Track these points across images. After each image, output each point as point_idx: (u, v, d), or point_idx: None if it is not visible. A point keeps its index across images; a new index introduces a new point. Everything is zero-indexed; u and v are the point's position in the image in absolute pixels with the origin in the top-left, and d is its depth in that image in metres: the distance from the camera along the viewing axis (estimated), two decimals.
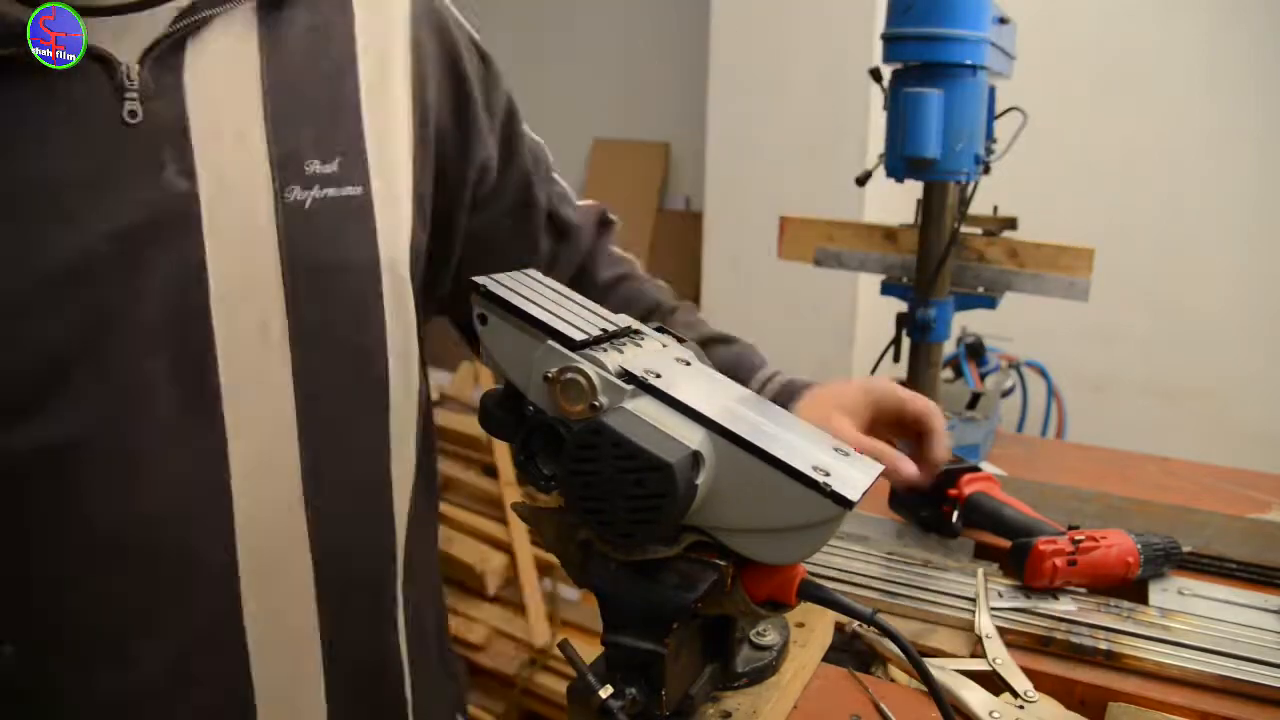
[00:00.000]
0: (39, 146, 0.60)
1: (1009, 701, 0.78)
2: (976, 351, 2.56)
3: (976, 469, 1.14)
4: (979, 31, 1.29)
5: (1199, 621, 0.92)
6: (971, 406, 1.60)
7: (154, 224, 0.62)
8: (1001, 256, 1.56)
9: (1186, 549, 1.04)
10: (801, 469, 0.58)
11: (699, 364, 0.69)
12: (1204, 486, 1.35)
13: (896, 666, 0.85)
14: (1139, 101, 2.66)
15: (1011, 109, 1.49)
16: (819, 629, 0.82)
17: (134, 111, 0.61)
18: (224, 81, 0.65)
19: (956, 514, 1.10)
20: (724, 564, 0.62)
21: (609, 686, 0.61)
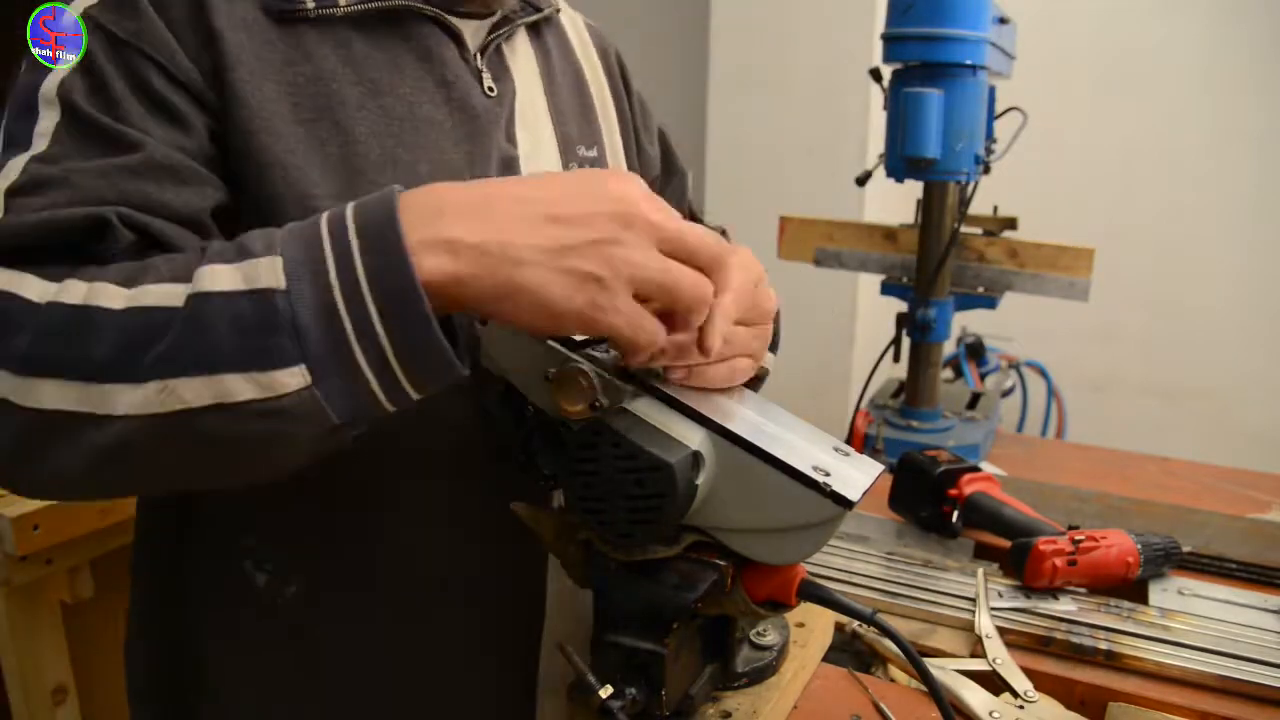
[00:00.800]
0: (419, 92, 0.71)
1: (1009, 701, 0.78)
2: (976, 351, 2.56)
3: (976, 469, 1.15)
4: (979, 31, 1.29)
5: (1199, 621, 0.92)
6: (971, 406, 1.60)
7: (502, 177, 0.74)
8: (1001, 256, 1.56)
9: (1186, 549, 1.04)
10: (801, 469, 0.58)
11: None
12: (1204, 486, 1.35)
13: (896, 666, 0.85)
14: (1139, 101, 2.66)
15: (1011, 109, 1.49)
16: (819, 629, 0.82)
17: (491, 87, 0.76)
18: (527, 78, 0.82)
19: (956, 514, 1.10)
20: (724, 564, 0.62)
21: (609, 686, 0.61)
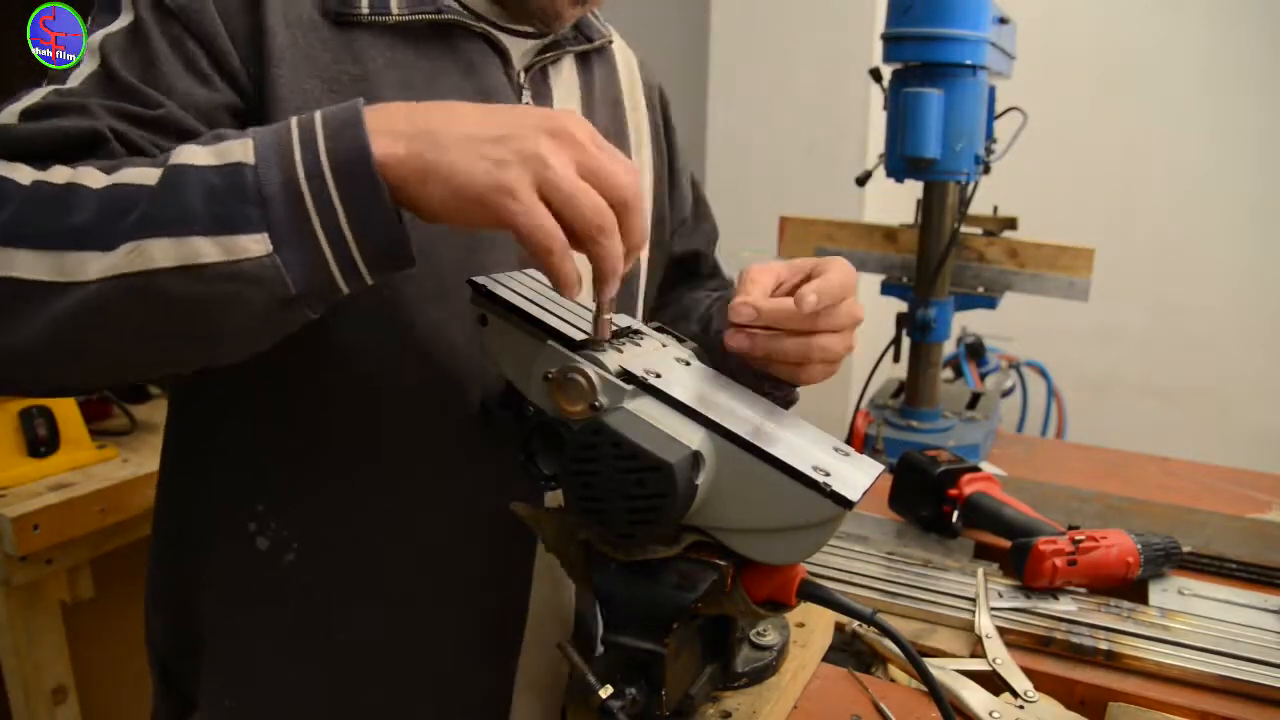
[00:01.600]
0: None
1: (1009, 701, 0.78)
2: (976, 351, 2.56)
3: (976, 469, 1.15)
4: (979, 31, 1.29)
5: (1199, 621, 0.92)
6: (971, 406, 1.60)
7: None
8: (1001, 256, 1.56)
9: (1186, 549, 1.04)
10: (801, 469, 0.58)
11: (699, 364, 0.69)
12: (1204, 486, 1.35)
13: (896, 666, 0.85)
14: (1139, 101, 2.66)
15: (1011, 109, 1.49)
16: (819, 629, 0.82)
17: (529, 102, 0.79)
18: (564, 102, 0.84)
19: (956, 514, 1.10)
20: (724, 564, 0.62)
21: (609, 686, 0.61)
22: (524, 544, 0.79)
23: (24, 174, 0.55)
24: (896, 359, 1.55)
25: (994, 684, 0.81)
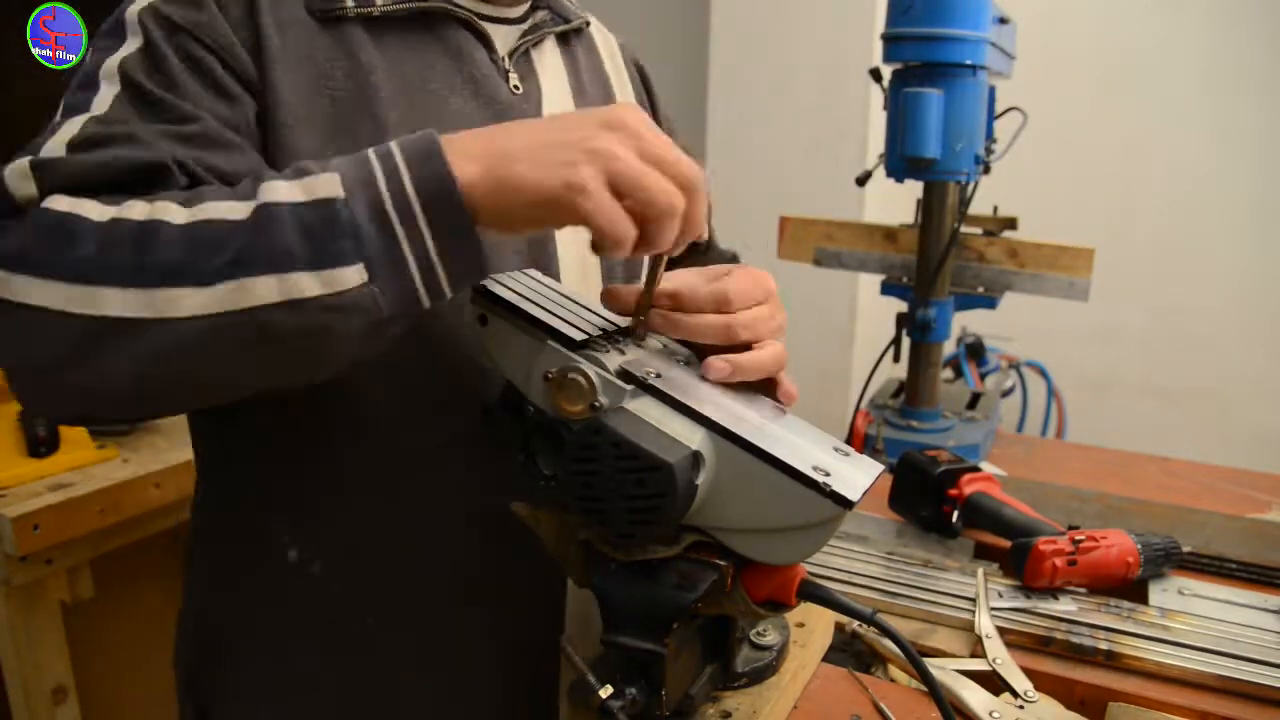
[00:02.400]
0: (446, 91, 0.75)
1: (1009, 701, 0.78)
2: (976, 351, 2.56)
3: (976, 469, 1.15)
4: (979, 31, 1.29)
5: (1199, 621, 0.92)
6: (971, 406, 1.60)
7: None
8: (1001, 256, 1.56)
9: (1186, 549, 1.04)
10: (802, 469, 0.58)
11: (699, 363, 0.69)
12: (1204, 486, 1.35)
13: (896, 666, 0.85)
14: (1139, 101, 2.66)
15: (1011, 109, 1.49)
16: (819, 629, 0.82)
17: (517, 86, 0.79)
18: (554, 82, 0.84)
19: (956, 514, 1.10)
20: (724, 564, 0.62)
21: (609, 686, 0.61)
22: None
23: (93, 209, 0.55)
24: (896, 359, 1.55)
25: (994, 684, 0.81)
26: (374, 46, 0.73)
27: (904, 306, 1.54)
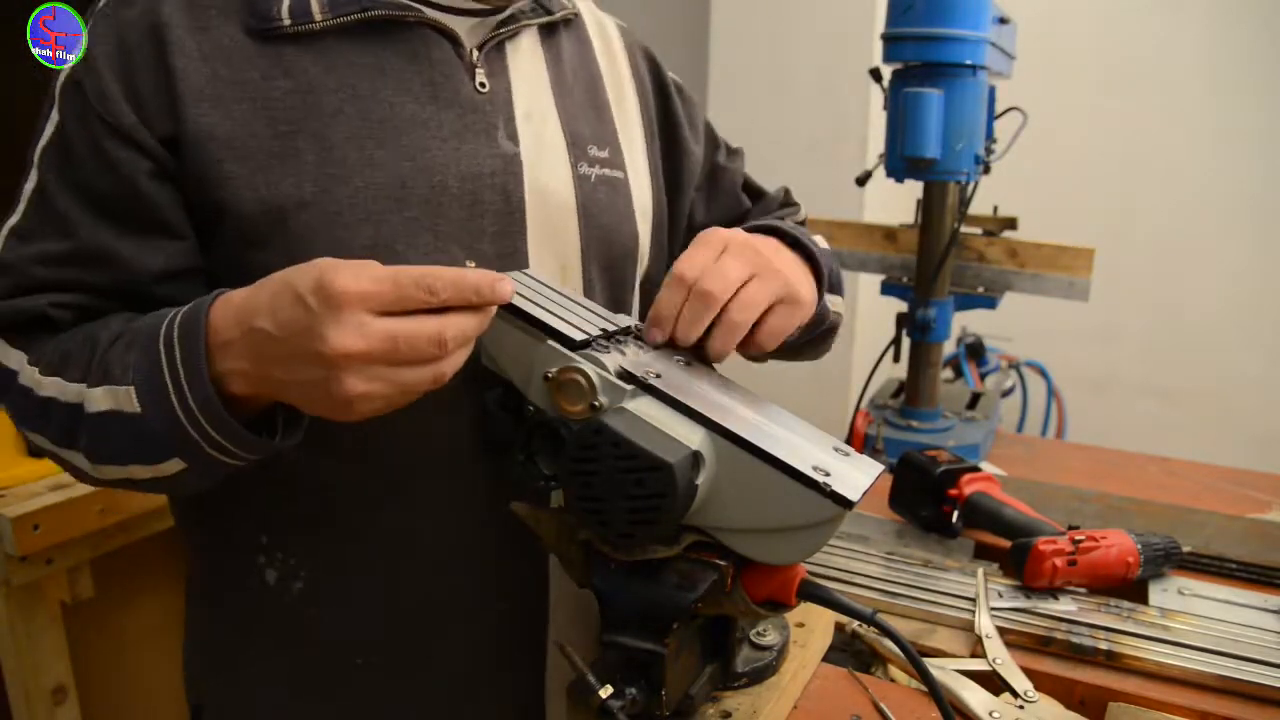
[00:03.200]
0: (403, 93, 0.73)
1: (1009, 701, 0.78)
2: (976, 351, 2.56)
3: (976, 469, 1.15)
4: (979, 31, 1.29)
5: (1199, 621, 0.92)
6: (971, 406, 1.60)
7: (493, 174, 0.76)
8: (1001, 256, 1.56)
9: (1186, 549, 1.04)
10: (802, 469, 0.58)
11: (699, 363, 0.69)
12: (1204, 486, 1.35)
13: (896, 666, 0.85)
14: (1139, 102, 2.66)
15: (1011, 109, 1.49)
16: (819, 629, 0.82)
17: (483, 84, 0.76)
18: (530, 76, 0.81)
19: (956, 514, 1.10)
20: (724, 564, 0.62)
21: (609, 686, 0.60)
22: (534, 543, 0.78)
23: (12, 359, 0.68)
24: (896, 359, 1.55)
25: (994, 684, 0.81)
26: (318, 61, 0.70)
27: (904, 306, 1.54)
